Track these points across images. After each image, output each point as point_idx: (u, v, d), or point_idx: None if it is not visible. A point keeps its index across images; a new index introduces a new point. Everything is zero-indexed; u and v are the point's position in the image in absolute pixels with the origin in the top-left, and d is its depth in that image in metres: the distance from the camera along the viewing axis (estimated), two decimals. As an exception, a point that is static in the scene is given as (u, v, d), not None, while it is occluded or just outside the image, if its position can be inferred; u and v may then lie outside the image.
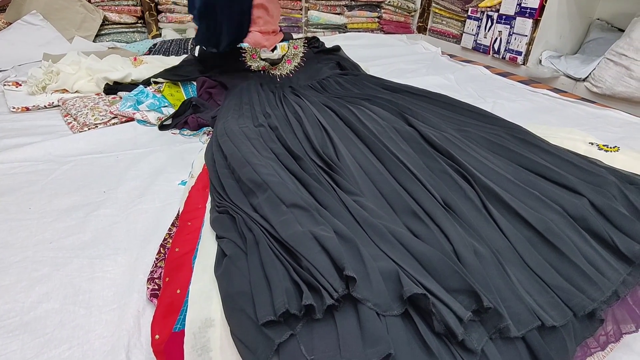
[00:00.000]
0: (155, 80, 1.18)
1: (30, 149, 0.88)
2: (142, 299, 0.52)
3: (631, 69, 1.38)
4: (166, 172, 0.82)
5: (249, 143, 0.73)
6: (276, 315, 0.39)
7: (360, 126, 0.79)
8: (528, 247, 0.52)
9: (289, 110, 0.90)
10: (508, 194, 0.59)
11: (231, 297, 0.43)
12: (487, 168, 0.65)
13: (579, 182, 0.60)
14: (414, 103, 0.92)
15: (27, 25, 1.62)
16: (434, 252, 0.47)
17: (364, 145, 0.75)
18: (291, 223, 0.49)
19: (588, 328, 0.45)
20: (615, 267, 0.49)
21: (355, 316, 0.41)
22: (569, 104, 1.27)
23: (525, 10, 1.73)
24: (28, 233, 0.63)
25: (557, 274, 0.48)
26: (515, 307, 0.43)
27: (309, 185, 0.60)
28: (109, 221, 0.67)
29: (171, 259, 0.53)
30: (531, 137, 0.76)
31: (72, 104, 1.08)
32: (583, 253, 0.50)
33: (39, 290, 0.53)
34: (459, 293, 0.43)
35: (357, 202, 0.57)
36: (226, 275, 0.47)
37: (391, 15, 2.38)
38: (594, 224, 0.53)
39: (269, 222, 0.51)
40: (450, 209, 0.57)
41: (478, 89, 1.40)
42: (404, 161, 0.67)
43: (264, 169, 0.62)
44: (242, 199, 0.59)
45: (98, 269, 0.57)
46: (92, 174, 0.81)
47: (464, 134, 0.78)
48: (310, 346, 0.38)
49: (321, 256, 0.44)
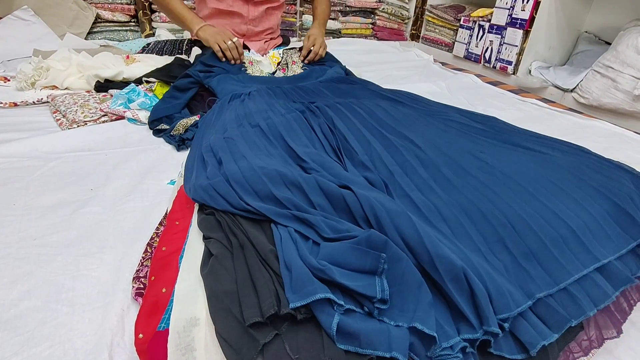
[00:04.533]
0: (147, 79, 1.17)
1: (16, 144, 0.86)
2: (127, 297, 0.51)
3: (617, 81, 1.42)
4: (155, 171, 0.82)
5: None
6: (263, 316, 0.39)
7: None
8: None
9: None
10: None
11: (217, 296, 0.43)
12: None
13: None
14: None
15: (17, 21, 1.60)
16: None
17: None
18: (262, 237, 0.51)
19: (570, 333, 0.46)
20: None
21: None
22: (556, 114, 1.29)
23: (516, 21, 1.76)
24: (12, 229, 0.62)
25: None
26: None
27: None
28: (96, 219, 0.66)
29: (158, 258, 0.52)
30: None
31: (62, 101, 1.06)
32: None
33: (20, 288, 0.52)
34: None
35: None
36: (212, 274, 0.46)
37: (385, 22, 2.40)
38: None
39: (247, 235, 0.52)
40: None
41: (469, 97, 1.42)
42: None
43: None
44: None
45: (83, 267, 0.56)
46: (80, 171, 0.80)
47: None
48: (295, 345, 0.38)
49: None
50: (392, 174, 0.66)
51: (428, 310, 0.41)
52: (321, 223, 0.51)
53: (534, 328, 0.42)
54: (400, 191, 0.62)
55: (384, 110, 0.88)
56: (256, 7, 1.33)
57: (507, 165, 0.67)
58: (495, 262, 0.50)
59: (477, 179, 0.63)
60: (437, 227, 0.54)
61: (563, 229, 0.53)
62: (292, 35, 2.20)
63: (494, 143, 0.77)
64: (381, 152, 0.71)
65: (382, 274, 0.43)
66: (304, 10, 2.19)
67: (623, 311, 0.51)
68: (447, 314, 0.43)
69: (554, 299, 0.46)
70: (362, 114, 0.86)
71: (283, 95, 1.03)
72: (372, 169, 0.67)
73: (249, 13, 1.33)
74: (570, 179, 0.63)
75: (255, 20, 1.36)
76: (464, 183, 0.62)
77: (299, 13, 2.18)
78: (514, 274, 0.49)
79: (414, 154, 0.71)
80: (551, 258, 0.50)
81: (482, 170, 0.65)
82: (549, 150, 0.74)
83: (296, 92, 1.06)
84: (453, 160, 0.68)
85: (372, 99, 1.00)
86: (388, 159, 0.69)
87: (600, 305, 0.47)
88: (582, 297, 0.47)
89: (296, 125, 0.81)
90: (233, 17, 1.32)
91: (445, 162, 0.67)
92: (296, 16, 2.19)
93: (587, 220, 0.55)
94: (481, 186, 0.61)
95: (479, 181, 0.62)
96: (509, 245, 0.51)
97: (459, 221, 0.55)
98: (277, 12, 1.43)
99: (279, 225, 0.53)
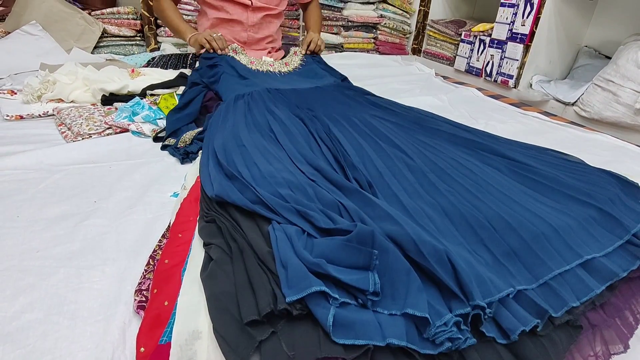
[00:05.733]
0: (152, 92, 1.19)
1: (22, 156, 0.87)
2: (128, 310, 0.51)
3: (618, 95, 1.42)
4: (158, 184, 0.82)
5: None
6: (260, 315, 0.40)
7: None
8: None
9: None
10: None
11: (215, 297, 0.44)
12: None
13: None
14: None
15: (25, 35, 1.63)
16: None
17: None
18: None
19: (571, 336, 0.45)
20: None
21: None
22: (558, 127, 1.30)
23: (517, 36, 1.78)
24: (15, 241, 0.62)
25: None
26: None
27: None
28: (99, 231, 0.66)
29: (160, 271, 0.52)
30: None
31: (67, 114, 1.08)
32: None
33: (22, 300, 0.51)
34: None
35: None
36: (212, 276, 0.48)
37: (387, 36, 2.43)
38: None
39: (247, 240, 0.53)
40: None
41: (470, 110, 1.43)
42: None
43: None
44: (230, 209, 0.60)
45: (85, 279, 0.56)
46: (84, 183, 0.81)
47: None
48: (291, 343, 0.39)
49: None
50: (381, 174, 0.69)
51: (418, 294, 0.42)
52: (317, 215, 0.54)
53: (515, 315, 0.44)
54: (388, 190, 0.65)
55: (378, 120, 0.92)
56: (255, 13, 1.39)
57: (490, 175, 0.70)
58: (478, 258, 0.52)
59: (462, 184, 0.66)
60: (423, 226, 0.56)
61: (545, 227, 0.55)
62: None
63: (480, 153, 0.80)
64: (372, 156, 0.75)
65: (374, 269, 0.44)
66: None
67: (630, 325, 0.51)
68: (437, 295, 0.45)
69: (535, 292, 0.47)
70: (357, 122, 0.90)
71: (282, 99, 1.07)
72: (362, 169, 0.71)
73: (248, 20, 1.39)
74: (551, 189, 0.66)
75: (254, 27, 1.42)
76: (448, 188, 0.65)
77: (302, 28, 2.22)
78: (494, 271, 0.50)
79: (402, 160, 0.74)
80: (532, 255, 0.51)
81: (467, 177, 0.68)
82: (532, 161, 0.77)
83: (295, 96, 1.09)
84: (439, 167, 0.72)
85: (366, 108, 1.04)
86: (378, 162, 0.73)
87: (583, 298, 0.48)
88: (565, 291, 0.48)
89: (296, 130, 0.85)
90: (233, 25, 1.39)
91: (431, 169, 0.71)
92: (299, 31, 2.22)
93: (569, 222, 0.57)
94: (464, 191, 0.64)
95: (463, 187, 0.65)
96: (488, 245, 0.53)
97: (442, 222, 0.57)
98: (276, 20, 1.48)
99: (275, 227, 0.54)
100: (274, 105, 0.97)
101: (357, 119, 0.89)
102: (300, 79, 1.25)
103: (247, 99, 1.00)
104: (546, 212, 0.57)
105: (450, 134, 0.87)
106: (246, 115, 0.90)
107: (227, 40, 1.31)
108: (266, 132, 0.82)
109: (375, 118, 0.91)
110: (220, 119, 0.91)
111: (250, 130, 0.82)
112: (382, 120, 0.90)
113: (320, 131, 0.84)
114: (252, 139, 0.77)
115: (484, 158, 0.76)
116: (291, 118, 0.89)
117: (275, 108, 0.95)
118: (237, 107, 0.95)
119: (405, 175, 0.68)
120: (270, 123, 0.86)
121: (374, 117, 0.91)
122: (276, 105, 0.98)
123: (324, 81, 1.24)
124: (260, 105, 0.96)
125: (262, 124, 0.86)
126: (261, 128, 0.84)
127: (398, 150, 0.77)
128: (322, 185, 0.62)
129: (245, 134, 0.79)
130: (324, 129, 0.85)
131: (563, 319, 0.45)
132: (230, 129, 0.82)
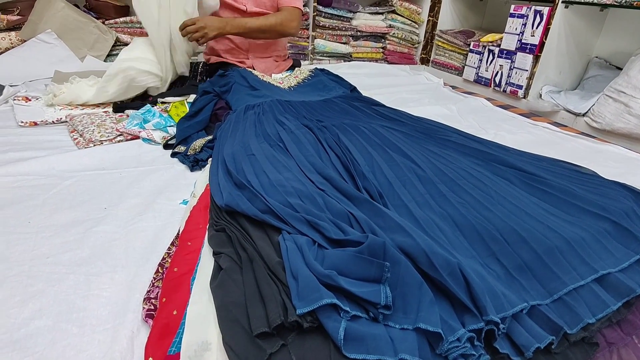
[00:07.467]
0: (162, 100, 1.20)
1: (34, 162, 0.88)
2: (137, 319, 0.51)
3: (630, 106, 1.41)
4: (168, 191, 0.82)
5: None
6: (270, 327, 0.40)
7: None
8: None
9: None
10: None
11: (225, 307, 0.44)
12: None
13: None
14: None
15: (41, 43, 1.66)
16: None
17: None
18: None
19: (587, 354, 0.44)
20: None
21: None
22: (569, 137, 1.28)
23: (526, 46, 1.78)
24: (25, 247, 0.63)
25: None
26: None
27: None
28: (108, 238, 0.66)
29: (169, 279, 0.52)
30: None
31: (80, 120, 1.09)
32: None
33: (32, 306, 0.52)
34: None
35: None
36: (221, 286, 0.47)
37: (395, 46, 2.44)
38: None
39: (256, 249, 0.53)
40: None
41: (479, 120, 1.42)
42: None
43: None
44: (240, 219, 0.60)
45: (94, 286, 0.56)
46: (94, 190, 0.81)
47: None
48: (302, 356, 0.39)
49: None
50: (392, 184, 0.69)
51: (430, 308, 0.42)
52: (327, 225, 0.53)
53: (529, 332, 0.43)
54: (398, 201, 0.65)
55: (387, 130, 0.92)
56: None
57: (501, 186, 0.69)
58: (490, 271, 0.51)
59: (472, 196, 0.65)
60: (435, 238, 0.55)
61: (558, 240, 0.54)
62: (304, 59, 2.24)
63: (490, 164, 0.79)
64: (382, 165, 0.75)
65: (385, 282, 0.44)
66: (316, 34, 2.24)
67: (648, 344, 0.49)
68: (450, 309, 0.44)
69: (549, 307, 0.46)
70: (366, 132, 0.90)
71: (291, 110, 1.07)
72: (372, 179, 0.70)
73: None
74: (564, 201, 0.65)
75: None
76: (459, 199, 0.64)
77: (311, 37, 2.23)
78: (507, 286, 0.49)
79: (412, 170, 0.73)
80: (545, 269, 0.50)
81: (478, 188, 0.67)
82: (544, 173, 0.75)
83: (304, 108, 1.10)
84: (449, 178, 0.71)
85: (375, 119, 1.04)
86: (388, 172, 0.73)
87: (599, 314, 0.46)
88: (580, 307, 0.47)
89: (305, 139, 0.85)
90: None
91: (442, 180, 0.70)
92: (308, 40, 2.24)
93: (583, 235, 0.56)
94: (475, 202, 0.63)
95: (474, 198, 0.64)
96: (501, 258, 0.52)
97: (454, 234, 0.57)
98: None
99: (285, 237, 0.54)
100: (283, 116, 0.98)
101: (367, 129, 0.89)
102: (309, 91, 1.26)
103: (257, 109, 1.01)
104: (559, 225, 0.56)
105: (460, 145, 0.87)
106: (256, 125, 0.90)
107: (232, 52, 1.28)
108: (275, 142, 0.82)
109: (385, 128, 0.91)
110: (230, 128, 0.92)
111: (260, 139, 0.83)
112: (392, 130, 0.90)
113: (330, 140, 0.84)
114: (262, 148, 0.77)
115: (494, 169, 0.75)
116: (300, 128, 0.90)
117: (285, 119, 0.95)
118: (247, 117, 0.95)
119: (416, 186, 0.67)
120: (280, 133, 0.86)
121: (383, 127, 0.91)
122: (285, 116, 0.98)
123: (332, 93, 1.24)
124: (269, 116, 0.97)
125: (272, 134, 0.86)
126: (270, 138, 0.85)
127: (408, 160, 0.76)
128: (332, 195, 0.61)
129: (255, 143, 0.80)
130: (333, 138, 0.85)
131: (578, 335, 0.44)
132: (240, 139, 0.83)
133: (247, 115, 0.97)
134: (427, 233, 0.55)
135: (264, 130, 0.89)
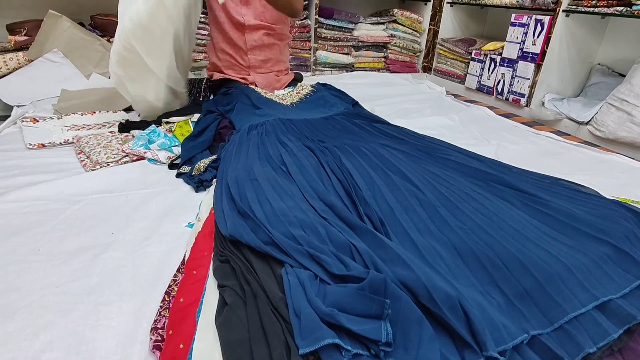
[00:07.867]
0: (167, 120, 1.22)
1: (43, 187, 0.90)
2: (144, 349, 0.52)
3: (633, 115, 1.41)
4: (173, 214, 0.84)
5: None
6: None
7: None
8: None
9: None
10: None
11: (230, 346, 0.45)
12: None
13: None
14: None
15: (47, 63, 1.70)
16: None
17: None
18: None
19: None
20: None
21: None
22: (572, 147, 1.28)
23: (527, 55, 1.78)
24: (36, 276, 0.64)
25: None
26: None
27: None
28: (116, 264, 0.68)
29: (175, 310, 0.53)
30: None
31: (86, 142, 1.11)
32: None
33: (43, 339, 0.53)
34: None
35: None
36: (226, 323, 0.48)
37: (397, 55, 2.45)
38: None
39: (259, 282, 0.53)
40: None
41: (482, 131, 1.42)
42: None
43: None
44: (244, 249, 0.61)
45: (103, 316, 0.57)
46: (102, 213, 0.83)
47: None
48: None
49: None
50: (393, 210, 0.69)
51: (431, 344, 0.42)
52: (329, 259, 0.54)
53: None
54: (400, 229, 0.65)
55: (388, 150, 0.93)
56: (252, 33, 1.39)
57: (502, 209, 0.69)
58: (490, 299, 0.52)
59: (473, 220, 0.65)
60: (435, 267, 0.55)
61: (559, 267, 0.54)
62: (306, 71, 2.26)
63: (491, 185, 0.80)
64: (384, 190, 0.75)
65: (386, 318, 0.45)
66: (317, 46, 2.26)
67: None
68: (450, 344, 0.45)
69: (550, 337, 0.47)
70: (367, 153, 0.91)
71: (293, 130, 1.08)
72: (373, 205, 0.71)
73: (246, 44, 1.40)
74: (564, 224, 0.65)
75: (255, 50, 1.42)
76: (460, 224, 0.65)
77: (313, 49, 2.25)
78: (508, 315, 0.49)
79: (413, 194, 0.74)
80: (546, 296, 0.51)
81: (478, 212, 0.68)
82: (545, 193, 0.76)
83: (306, 127, 1.10)
84: (450, 201, 0.71)
85: (376, 137, 1.05)
86: (389, 197, 0.73)
87: (600, 343, 0.47)
88: (581, 335, 0.47)
89: (307, 162, 0.86)
90: (237, 49, 1.41)
91: (442, 204, 0.70)
92: (310, 52, 2.26)
93: (584, 261, 0.56)
94: (476, 227, 0.64)
95: (475, 222, 0.65)
96: (501, 286, 0.53)
97: (454, 262, 0.57)
98: (279, 42, 1.47)
99: (288, 270, 0.54)
100: (286, 136, 0.99)
101: (368, 150, 0.90)
102: (311, 107, 1.27)
103: (260, 129, 1.02)
104: (560, 251, 0.56)
105: (460, 164, 0.87)
106: (259, 147, 0.91)
107: (234, 68, 1.28)
108: (278, 165, 0.83)
109: (385, 148, 0.92)
110: (233, 150, 0.93)
111: (263, 162, 0.84)
112: (392, 150, 0.91)
113: (332, 163, 0.84)
114: (264, 172, 0.78)
115: (495, 190, 0.76)
116: (302, 150, 0.91)
117: (287, 139, 0.97)
118: (250, 138, 0.97)
119: (417, 211, 0.68)
120: (282, 155, 0.87)
121: (383, 147, 0.92)
122: (288, 136, 1.00)
123: (334, 110, 1.25)
124: (272, 136, 0.98)
125: (274, 156, 0.87)
126: (273, 161, 0.86)
127: (409, 183, 0.77)
128: (334, 224, 0.62)
129: (258, 166, 0.81)
130: (335, 160, 0.86)
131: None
132: (244, 162, 0.84)
133: (250, 136, 0.99)
134: (428, 262, 0.56)
135: (267, 152, 0.90)
